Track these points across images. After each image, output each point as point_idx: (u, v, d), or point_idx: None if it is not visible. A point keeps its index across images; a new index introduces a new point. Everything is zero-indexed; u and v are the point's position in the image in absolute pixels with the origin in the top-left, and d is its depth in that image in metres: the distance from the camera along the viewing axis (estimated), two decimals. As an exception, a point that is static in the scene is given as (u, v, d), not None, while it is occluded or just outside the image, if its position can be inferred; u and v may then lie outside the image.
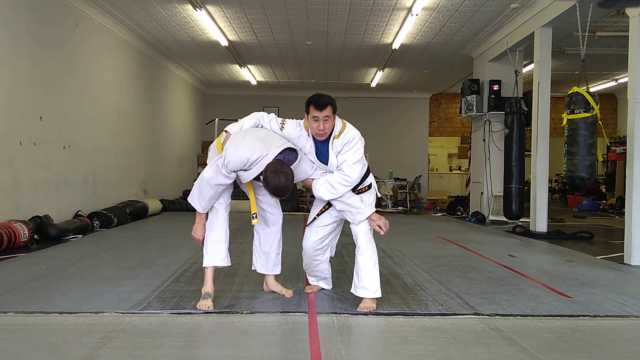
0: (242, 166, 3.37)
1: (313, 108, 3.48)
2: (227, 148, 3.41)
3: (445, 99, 17.28)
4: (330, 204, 3.65)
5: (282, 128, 3.60)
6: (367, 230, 3.60)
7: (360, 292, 3.55)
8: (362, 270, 3.54)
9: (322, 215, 3.74)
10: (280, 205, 3.93)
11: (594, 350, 2.91)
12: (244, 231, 7.91)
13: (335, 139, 3.52)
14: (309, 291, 3.99)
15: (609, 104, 16.09)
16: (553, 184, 17.35)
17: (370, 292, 3.53)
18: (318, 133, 3.50)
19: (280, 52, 11.68)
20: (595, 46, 9.52)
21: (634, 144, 5.71)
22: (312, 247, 3.75)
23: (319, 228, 3.75)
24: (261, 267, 3.95)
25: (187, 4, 8.48)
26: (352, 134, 3.53)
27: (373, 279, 3.52)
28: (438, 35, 10.13)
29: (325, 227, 3.75)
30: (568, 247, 6.77)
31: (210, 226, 3.60)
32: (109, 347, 2.77)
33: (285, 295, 3.85)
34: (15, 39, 6.51)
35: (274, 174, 3.24)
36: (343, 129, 3.54)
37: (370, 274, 3.53)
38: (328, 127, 3.48)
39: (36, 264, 5.02)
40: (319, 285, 4.03)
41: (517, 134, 8.99)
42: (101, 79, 8.96)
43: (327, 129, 3.48)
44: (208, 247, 3.60)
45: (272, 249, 3.93)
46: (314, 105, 3.48)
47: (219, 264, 3.61)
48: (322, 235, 3.75)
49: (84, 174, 8.27)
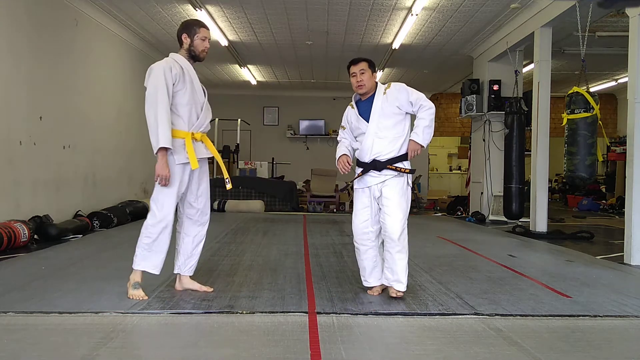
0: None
1: (351, 66, 3.91)
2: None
3: (445, 99, 17.28)
4: (364, 171, 3.88)
5: (344, 128, 4.06)
6: (404, 229, 3.81)
7: (396, 285, 3.82)
8: (399, 266, 3.79)
9: (361, 197, 3.93)
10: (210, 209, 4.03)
11: (594, 350, 2.91)
12: (244, 231, 7.92)
13: (387, 90, 3.86)
14: (376, 293, 3.94)
15: (609, 104, 16.08)
16: (553, 184, 17.34)
17: (404, 285, 3.83)
18: (358, 86, 3.87)
19: (280, 52, 11.68)
20: (595, 46, 9.51)
21: (634, 144, 5.71)
22: (360, 229, 3.91)
23: (362, 210, 3.92)
24: (185, 268, 3.92)
25: (187, 4, 8.48)
26: (399, 84, 3.91)
27: (406, 274, 3.85)
28: (438, 35, 10.13)
29: (366, 209, 3.91)
30: (568, 247, 6.76)
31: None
32: (109, 347, 2.77)
33: (207, 291, 3.89)
34: (15, 39, 6.51)
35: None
36: (390, 85, 3.91)
37: (405, 270, 3.82)
38: (365, 79, 3.85)
39: (36, 264, 5.02)
40: (376, 280, 3.95)
41: (517, 134, 8.98)
42: (101, 79, 8.96)
43: (364, 80, 3.85)
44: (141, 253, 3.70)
45: (198, 249, 3.95)
46: (350, 64, 3.92)
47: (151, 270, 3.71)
48: (366, 218, 3.90)
49: (84, 174, 8.27)
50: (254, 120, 16.01)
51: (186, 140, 3.67)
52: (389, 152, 3.83)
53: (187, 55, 3.82)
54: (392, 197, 3.81)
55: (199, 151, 3.75)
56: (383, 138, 3.84)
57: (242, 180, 12.30)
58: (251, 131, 15.79)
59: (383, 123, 3.83)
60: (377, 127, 3.83)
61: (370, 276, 3.96)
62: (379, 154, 3.83)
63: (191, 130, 3.71)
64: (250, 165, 13.32)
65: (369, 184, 3.88)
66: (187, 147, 3.66)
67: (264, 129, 16.77)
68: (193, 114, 3.72)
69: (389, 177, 3.83)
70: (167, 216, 3.67)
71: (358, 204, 3.94)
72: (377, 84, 3.96)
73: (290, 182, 12.81)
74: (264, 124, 16.88)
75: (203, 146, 3.81)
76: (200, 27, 3.82)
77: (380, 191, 3.85)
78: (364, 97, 3.95)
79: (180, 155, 3.67)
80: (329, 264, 5.20)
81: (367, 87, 3.87)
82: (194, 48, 3.79)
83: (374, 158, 3.84)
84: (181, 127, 3.69)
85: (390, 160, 3.82)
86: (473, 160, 11.61)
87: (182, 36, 3.80)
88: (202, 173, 3.89)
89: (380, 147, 3.83)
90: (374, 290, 3.96)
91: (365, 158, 3.88)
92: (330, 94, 16.40)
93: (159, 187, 3.69)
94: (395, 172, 3.83)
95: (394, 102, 3.83)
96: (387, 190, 3.83)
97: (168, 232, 3.71)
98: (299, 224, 9.06)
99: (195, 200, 3.86)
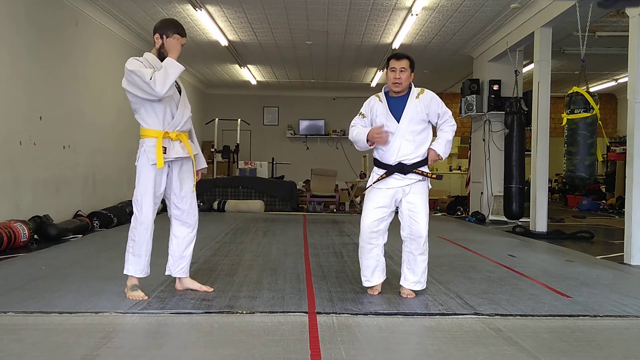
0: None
1: (392, 60, 3.87)
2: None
3: (445, 99, 17.12)
4: (388, 173, 3.86)
5: (363, 116, 3.99)
6: (427, 230, 3.87)
7: (415, 286, 3.91)
8: (420, 268, 3.90)
9: (378, 196, 3.88)
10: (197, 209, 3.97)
11: (594, 350, 2.92)
12: (244, 231, 7.92)
13: (420, 95, 3.88)
14: (376, 293, 3.96)
15: (608, 104, 16.08)
16: (553, 184, 17.34)
17: (421, 285, 3.94)
18: (395, 82, 3.83)
19: (280, 52, 11.68)
20: (595, 46, 9.51)
21: (633, 144, 5.71)
22: (369, 228, 3.88)
23: (375, 210, 3.89)
24: (176, 270, 3.90)
25: (187, 4, 8.48)
26: (431, 92, 3.93)
27: (425, 275, 3.95)
28: (438, 35, 10.13)
29: (380, 209, 3.88)
30: (568, 247, 6.76)
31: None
32: (109, 347, 2.77)
33: (207, 291, 3.87)
34: (15, 39, 6.50)
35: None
36: (423, 90, 3.92)
37: (425, 271, 3.93)
38: (404, 77, 3.82)
39: (36, 264, 5.02)
40: (377, 279, 3.97)
41: (517, 134, 8.98)
42: (101, 79, 8.96)
43: (403, 79, 3.82)
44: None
45: (189, 251, 3.92)
46: (393, 58, 3.89)
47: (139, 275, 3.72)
48: (378, 217, 3.87)
49: (84, 174, 8.27)
50: (254, 120, 16.01)
51: (157, 139, 3.60)
52: (415, 157, 3.84)
53: (157, 54, 3.78)
54: (419, 203, 3.84)
55: (175, 151, 3.67)
56: (410, 141, 3.83)
57: (242, 180, 12.30)
58: (251, 131, 15.80)
59: (413, 127, 3.83)
60: (407, 130, 3.82)
61: (373, 275, 3.96)
62: (406, 156, 3.83)
63: (165, 129, 3.64)
64: (250, 165, 13.32)
65: (392, 186, 3.85)
66: (157, 146, 3.58)
67: (264, 129, 16.78)
68: (167, 113, 3.65)
69: (413, 182, 3.84)
70: (147, 217, 3.64)
71: (371, 203, 3.90)
72: (411, 85, 3.94)
73: (290, 182, 12.81)
74: (264, 124, 16.88)
75: (180, 146, 3.71)
76: (176, 32, 3.79)
77: (405, 194, 3.84)
78: (394, 93, 3.92)
79: (154, 155, 3.60)
80: (329, 264, 5.20)
81: (404, 86, 3.86)
82: (164, 51, 3.75)
83: (399, 161, 3.83)
84: (155, 126, 3.62)
85: (415, 164, 3.83)
86: (473, 160, 11.61)
87: (156, 37, 3.78)
88: (184, 173, 3.80)
89: (407, 150, 3.83)
90: (374, 290, 3.97)
91: (391, 160, 3.85)
92: (330, 94, 16.41)
93: (137, 189, 3.66)
94: (420, 176, 3.84)
95: (424, 109, 3.85)
96: (413, 196, 3.84)
97: (149, 234, 3.68)
98: (299, 224, 9.06)
99: (180, 202, 3.81)
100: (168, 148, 3.64)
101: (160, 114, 3.64)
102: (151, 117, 3.64)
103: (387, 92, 3.98)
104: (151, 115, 3.64)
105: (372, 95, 4.07)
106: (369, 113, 3.99)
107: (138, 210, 3.66)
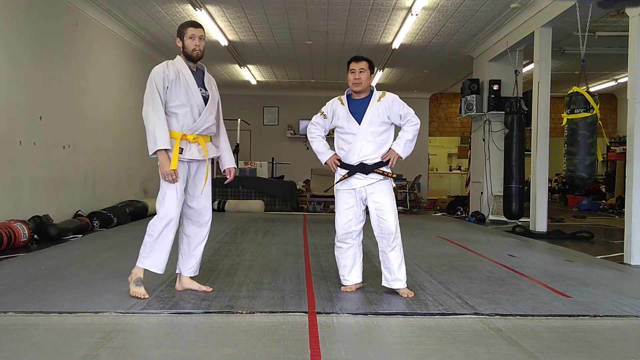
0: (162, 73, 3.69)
1: (352, 63, 4.00)
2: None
3: (445, 99, 17.28)
4: (350, 173, 3.97)
5: (325, 116, 4.12)
6: (397, 226, 3.92)
7: (394, 284, 3.94)
8: (394, 265, 3.92)
9: (344, 197, 4.01)
10: (211, 208, 4.03)
11: (594, 350, 2.92)
12: (244, 231, 7.92)
13: (382, 98, 3.97)
14: (349, 290, 4.02)
15: (608, 104, 16.09)
16: (553, 184, 17.35)
17: (403, 282, 3.95)
18: (355, 83, 3.95)
19: (280, 52, 11.68)
20: (595, 46, 9.52)
21: (633, 144, 5.71)
22: (343, 229, 3.99)
23: (346, 210, 4.00)
24: (187, 269, 3.94)
25: (187, 4, 8.48)
26: (393, 95, 4.02)
27: (403, 271, 3.96)
28: (438, 35, 10.13)
29: (350, 210, 3.99)
30: (568, 247, 6.77)
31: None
32: (109, 347, 2.77)
33: (207, 291, 3.90)
34: (15, 39, 6.51)
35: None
36: (384, 94, 4.01)
37: (402, 267, 3.94)
38: (364, 78, 3.94)
39: (36, 264, 5.02)
40: (354, 280, 4.05)
41: (517, 134, 8.98)
42: (101, 79, 8.96)
43: (362, 79, 3.94)
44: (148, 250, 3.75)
45: (199, 250, 3.97)
46: (352, 60, 4.02)
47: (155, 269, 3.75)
48: (350, 217, 3.98)
49: (84, 174, 8.27)
50: (254, 120, 16.00)
51: (176, 140, 3.73)
52: (376, 157, 3.96)
53: (184, 57, 3.85)
54: (384, 201, 3.95)
55: (190, 153, 3.78)
56: (372, 142, 3.96)
57: (242, 180, 12.30)
58: (251, 131, 15.79)
59: (374, 128, 3.95)
60: (367, 131, 3.94)
61: (350, 274, 4.06)
62: (367, 157, 3.95)
63: (184, 131, 3.76)
64: (250, 165, 13.32)
65: (355, 186, 3.98)
66: (174, 148, 3.70)
67: (264, 129, 16.77)
68: (188, 116, 3.76)
69: (374, 181, 3.95)
70: (170, 212, 3.70)
71: (342, 204, 4.03)
72: (373, 89, 4.08)
73: (290, 182, 12.81)
74: (264, 124, 16.87)
75: (197, 148, 3.82)
76: (188, 27, 3.85)
77: (367, 194, 3.96)
78: (356, 95, 4.04)
79: (171, 154, 3.73)
80: (329, 264, 5.19)
81: (364, 86, 3.98)
82: (186, 49, 3.82)
83: (361, 161, 3.95)
84: (174, 127, 3.75)
85: (376, 164, 3.95)
86: (473, 160, 11.61)
87: (177, 41, 3.90)
88: (199, 173, 3.90)
89: (368, 151, 3.96)
90: (350, 288, 4.05)
91: (352, 160, 3.97)
92: (330, 94, 16.06)
93: (162, 184, 3.75)
94: (381, 176, 3.96)
95: (385, 111, 3.96)
96: (377, 195, 3.95)
97: (171, 230, 3.73)
98: (299, 224, 9.06)
99: (192, 201, 3.89)
100: (185, 149, 3.76)
101: (180, 117, 3.77)
102: (172, 120, 3.76)
103: (349, 94, 4.10)
104: (172, 118, 3.77)
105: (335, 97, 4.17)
106: (330, 114, 4.11)
107: (161, 204, 3.72)
